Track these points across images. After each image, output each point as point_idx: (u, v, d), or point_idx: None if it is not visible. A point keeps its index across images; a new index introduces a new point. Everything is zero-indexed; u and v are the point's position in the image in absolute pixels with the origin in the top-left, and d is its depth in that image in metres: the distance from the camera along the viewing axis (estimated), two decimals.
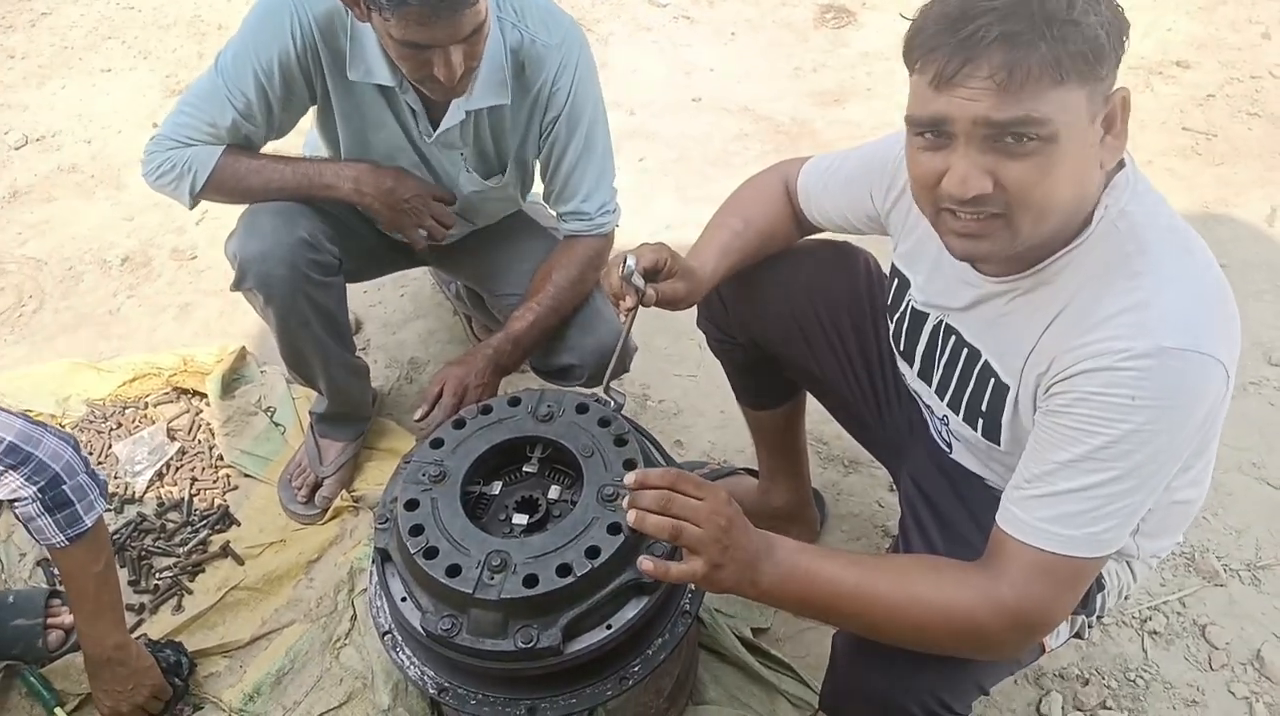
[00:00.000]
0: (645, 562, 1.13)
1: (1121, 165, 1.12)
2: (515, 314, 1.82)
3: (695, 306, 1.70)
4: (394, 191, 1.80)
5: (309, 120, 1.89)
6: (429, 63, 1.52)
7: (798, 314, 1.58)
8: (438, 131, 1.76)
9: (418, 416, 1.70)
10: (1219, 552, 2.00)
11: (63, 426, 2.29)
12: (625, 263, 1.35)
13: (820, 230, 1.59)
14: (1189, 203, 2.88)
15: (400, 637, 1.41)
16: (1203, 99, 3.32)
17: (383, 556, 1.40)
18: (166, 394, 2.40)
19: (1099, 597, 1.32)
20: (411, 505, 1.36)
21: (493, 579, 1.26)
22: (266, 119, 1.75)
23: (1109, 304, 1.07)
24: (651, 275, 1.39)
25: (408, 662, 1.39)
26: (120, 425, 2.32)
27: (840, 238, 1.60)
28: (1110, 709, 1.76)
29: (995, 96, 1.00)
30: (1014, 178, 1.03)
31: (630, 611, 1.31)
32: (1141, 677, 1.81)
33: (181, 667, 1.81)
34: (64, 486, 1.50)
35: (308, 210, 1.80)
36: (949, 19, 1.01)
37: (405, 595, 1.36)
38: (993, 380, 1.24)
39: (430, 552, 1.29)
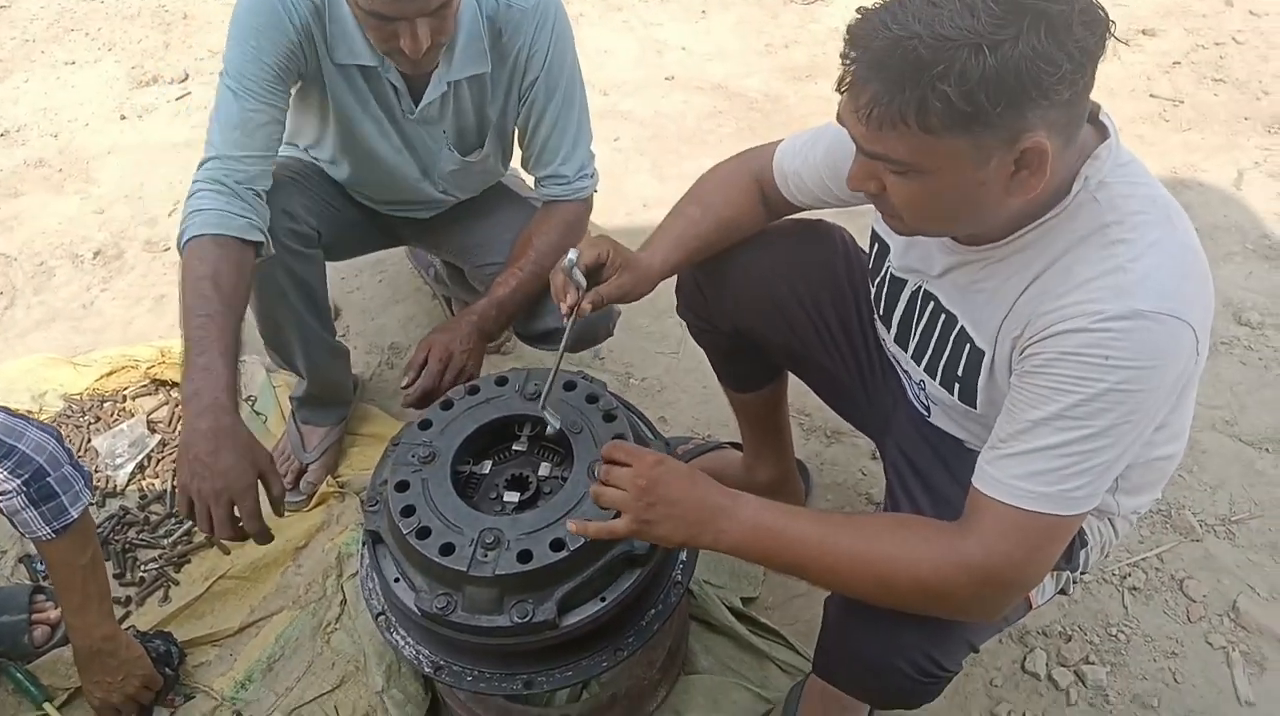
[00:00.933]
0: (570, 523, 1.26)
1: (1105, 136, 1.13)
2: (498, 280, 1.81)
3: (676, 299, 1.72)
4: (195, 460, 1.37)
5: None
6: (395, 34, 1.50)
7: (776, 296, 1.59)
8: (420, 106, 1.75)
9: (404, 383, 1.68)
10: (1194, 509, 2.05)
11: None
12: (567, 257, 1.37)
13: (798, 211, 1.58)
14: (1158, 168, 2.92)
15: (394, 618, 1.41)
16: (1169, 66, 3.36)
17: (374, 538, 1.40)
18: (145, 386, 2.38)
19: (1082, 553, 1.34)
20: (402, 486, 1.36)
21: (486, 556, 1.27)
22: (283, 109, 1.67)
23: (1086, 269, 1.09)
24: (595, 272, 1.41)
25: (402, 643, 1.40)
26: (99, 419, 2.29)
27: (813, 216, 1.60)
28: (1093, 663, 1.80)
29: (864, 126, 1.05)
30: (892, 190, 1.10)
31: (624, 583, 1.33)
32: (1123, 632, 1.85)
33: (171, 657, 1.81)
34: (48, 478, 1.49)
35: (286, 181, 1.77)
36: (851, 36, 1.04)
37: (398, 576, 1.36)
38: (968, 345, 1.26)
39: (423, 532, 1.30)
